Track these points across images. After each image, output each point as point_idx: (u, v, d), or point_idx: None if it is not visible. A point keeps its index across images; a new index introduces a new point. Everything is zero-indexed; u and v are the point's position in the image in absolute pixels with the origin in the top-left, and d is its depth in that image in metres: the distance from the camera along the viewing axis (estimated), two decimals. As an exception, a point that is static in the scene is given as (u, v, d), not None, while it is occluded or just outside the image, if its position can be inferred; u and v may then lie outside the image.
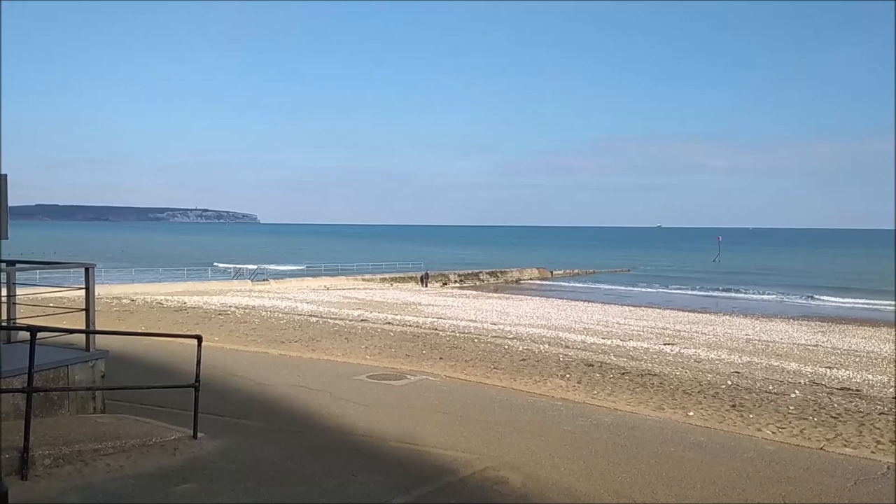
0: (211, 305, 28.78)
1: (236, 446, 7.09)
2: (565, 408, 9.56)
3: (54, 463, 6.01)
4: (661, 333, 25.88)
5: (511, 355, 16.92)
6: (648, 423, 8.89)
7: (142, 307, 26.92)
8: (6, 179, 3.34)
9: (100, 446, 6.39)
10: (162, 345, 13.45)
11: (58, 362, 7.35)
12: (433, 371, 13.13)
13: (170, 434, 7.06)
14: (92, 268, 7.68)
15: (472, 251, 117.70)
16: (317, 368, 12.47)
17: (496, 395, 10.37)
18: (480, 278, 61.98)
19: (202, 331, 19.44)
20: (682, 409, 11.13)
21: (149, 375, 10.54)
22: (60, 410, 7.41)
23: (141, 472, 6.08)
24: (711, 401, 12.21)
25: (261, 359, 13.55)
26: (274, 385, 10.55)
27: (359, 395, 9.95)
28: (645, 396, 12.18)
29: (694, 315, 36.25)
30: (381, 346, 17.67)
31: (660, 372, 15.31)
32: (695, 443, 7.84)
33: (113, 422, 7.40)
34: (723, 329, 29.01)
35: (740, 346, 22.93)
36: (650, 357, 18.54)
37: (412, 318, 27.29)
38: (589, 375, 14.11)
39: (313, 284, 48.91)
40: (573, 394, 11.78)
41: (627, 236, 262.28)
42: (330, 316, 26.86)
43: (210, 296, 35.09)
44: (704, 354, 20.02)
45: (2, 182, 3.32)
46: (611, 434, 8.03)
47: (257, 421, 8.47)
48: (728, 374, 15.99)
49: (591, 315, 33.34)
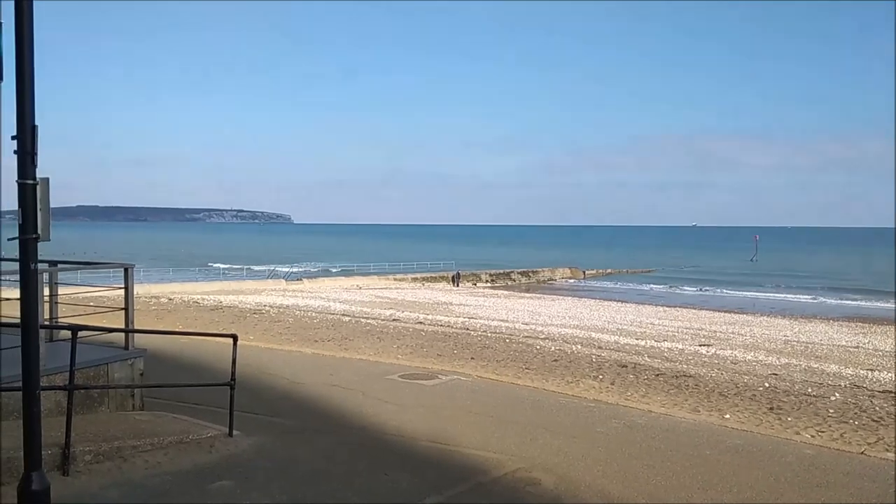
0: (246, 304, 29.17)
1: (271, 444, 7.19)
2: (598, 409, 9.49)
3: (94, 459, 6.16)
4: (697, 334, 25.49)
5: (543, 356, 16.83)
6: (683, 425, 8.78)
7: (179, 306, 27.41)
8: (48, 183, 3.43)
9: (138, 443, 6.53)
10: (198, 343, 13.67)
11: (98, 360, 7.53)
12: (464, 371, 13.14)
13: (206, 431, 7.18)
14: (131, 268, 7.86)
15: (505, 251, 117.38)
16: (349, 367, 12.57)
17: (528, 396, 10.34)
18: (512, 278, 61.81)
19: (237, 329, 19.72)
20: (718, 412, 10.95)
21: (185, 373, 10.73)
22: (100, 407, 7.59)
23: (178, 468, 6.20)
24: (748, 403, 12.00)
25: (294, 357, 13.70)
26: (307, 384, 10.66)
27: (391, 394, 10.00)
28: (680, 398, 12.01)
29: (730, 316, 35.65)
30: (412, 346, 17.72)
31: (695, 373, 15.08)
32: (731, 446, 7.71)
33: (151, 419, 7.56)
34: (760, 330, 28.47)
35: (778, 348, 22.48)
36: (685, 358, 18.28)
37: (443, 318, 27.32)
38: (622, 377, 13.97)
39: (346, 284, 49.27)
40: (606, 395, 11.67)
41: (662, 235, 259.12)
42: (362, 315, 27.03)
43: (245, 295, 35.58)
44: (741, 356, 19.66)
45: (44, 185, 3.41)
46: (645, 436, 7.95)
47: (291, 419, 8.57)
48: (766, 375, 15.69)
49: (625, 315, 33.00)
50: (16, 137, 3.33)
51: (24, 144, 3.31)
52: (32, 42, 3.35)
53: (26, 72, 3.33)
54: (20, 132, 3.32)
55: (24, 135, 3.32)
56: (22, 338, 3.56)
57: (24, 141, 3.32)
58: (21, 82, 3.32)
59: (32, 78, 3.35)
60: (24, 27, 3.31)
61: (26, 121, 3.32)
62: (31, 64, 3.34)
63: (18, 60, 3.32)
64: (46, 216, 3.38)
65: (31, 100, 3.34)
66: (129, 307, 7.85)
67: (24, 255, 3.37)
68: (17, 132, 3.33)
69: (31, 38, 3.34)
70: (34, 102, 3.35)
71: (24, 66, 3.33)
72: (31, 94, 3.35)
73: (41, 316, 7.53)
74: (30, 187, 3.33)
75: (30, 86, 3.34)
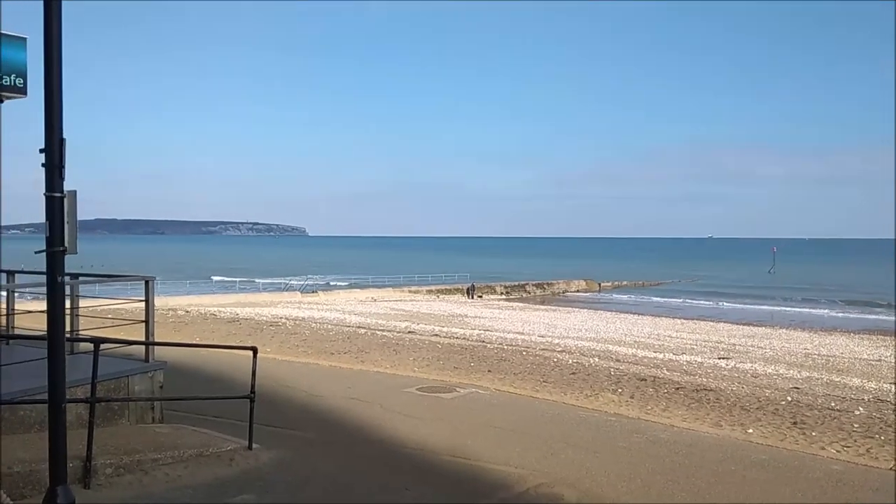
0: (262, 317, 29.25)
1: (291, 458, 7.15)
2: (619, 423, 9.37)
3: (115, 472, 6.15)
4: (716, 347, 25.23)
5: (561, 369, 16.71)
6: (706, 440, 8.65)
7: (196, 318, 27.53)
8: (75, 196, 3.43)
9: (159, 456, 6.52)
10: (216, 355, 13.68)
11: (119, 373, 7.54)
12: (482, 384, 13.05)
13: (226, 444, 7.16)
14: (152, 280, 7.88)
15: (519, 263, 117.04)
16: (367, 380, 12.52)
17: (548, 410, 10.23)
18: (527, 290, 61.62)
19: (254, 342, 19.75)
20: (741, 426, 10.79)
21: (204, 386, 10.72)
22: (121, 420, 7.60)
23: (199, 482, 6.17)
24: (771, 417, 11.82)
25: (312, 370, 13.68)
26: (325, 396, 10.63)
27: (409, 407, 9.94)
28: (701, 412, 11.85)
29: (749, 328, 35.28)
30: (429, 359, 17.66)
31: (715, 387, 14.90)
32: (756, 461, 7.58)
33: (171, 431, 7.55)
34: (780, 343, 28.14)
35: (799, 361, 22.19)
36: (704, 372, 18.08)
37: (459, 331, 27.23)
38: (642, 390, 13.82)
39: (361, 296, 49.31)
40: (626, 409, 11.54)
41: (678, 247, 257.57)
42: (378, 328, 27.01)
43: (261, 307, 35.70)
44: (761, 369, 19.42)
45: (71, 198, 3.41)
46: (668, 451, 7.83)
47: (310, 432, 8.53)
48: (787, 389, 15.47)
49: (642, 328, 32.75)
50: (44, 150, 3.34)
51: (52, 157, 3.32)
52: (60, 56, 3.37)
53: (54, 85, 3.34)
54: (48, 145, 3.33)
55: (52, 148, 3.33)
56: (49, 350, 3.55)
57: (52, 154, 3.32)
58: (49, 96, 3.33)
59: (60, 91, 3.37)
60: (53, 41, 3.33)
61: (54, 134, 3.33)
62: (59, 78, 3.36)
63: (47, 74, 3.34)
64: (73, 229, 3.39)
65: (59, 113, 3.36)
66: (149, 319, 7.86)
67: (51, 267, 3.37)
68: (45, 145, 3.34)
69: (60, 52, 3.36)
70: (62, 116, 3.37)
71: (53, 80, 3.34)
72: (59, 107, 3.36)
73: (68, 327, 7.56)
74: (57, 200, 3.33)
75: (58, 99, 3.35)
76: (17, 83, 7.25)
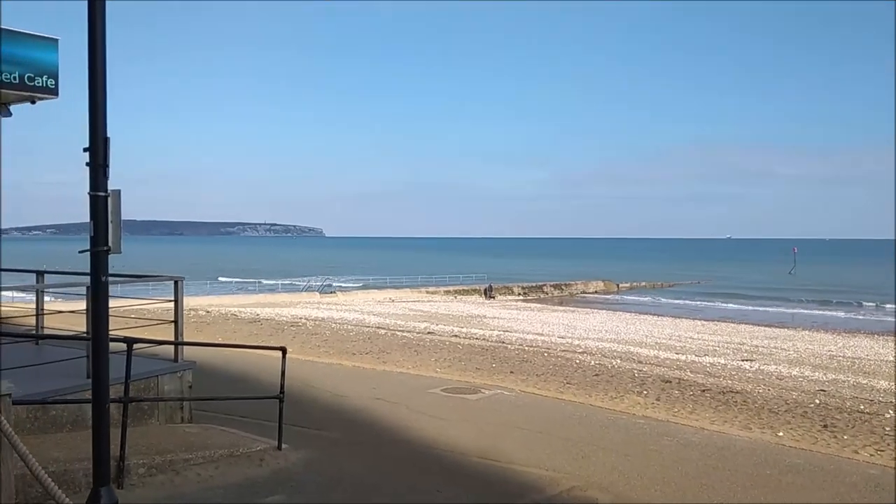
0: (283, 317, 29.36)
1: (319, 458, 7.13)
2: (648, 426, 9.26)
3: (148, 472, 6.16)
4: (738, 349, 24.95)
5: (583, 370, 16.59)
6: (738, 443, 8.52)
7: (217, 318, 27.68)
8: (119, 195, 3.41)
9: (190, 456, 6.52)
10: (241, 355, 13.72)
11: (149, 373, 7.56)
12: (507, 385, 12.98)
13: (255, 445, 7.15)
14: (181, 280, 7.90)
15: (533, 263, 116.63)
16: (391, 381, 12.50)
17: (575, 412, 10.14)
18: (544, 291, 61.36)
19: (276, 342, 19.82)
20: (771, 429, 10.64)
21: (230, 385, 10.76)
22: (151, 420, 7.62)
23: (230, 482, 6.16)
24: (801, 420, 11.64)
25: (335, 370, 13.68)
26: (350, 397, 10.61)
27: (435, 408, 9.90)
28: (729, 415, 11.70)
29: (771, 330, 34.87)
30: (450, 359, 17.61)
31: (741, 389, 14.72)
32: (791, 465, 7.45)
33: (200, 431, 7.56)
34: (803, 345, 27.76)
35: (824, 363, 21.88)
36: (728, 374, 17.88)
37: (478, 331, 27.16)
38: (667, 392, 13.68)
39: (379, 297, 49.36)
40: (652, 411, 11.42)
41: (695, 248, 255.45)
42: (397, 328, 27.00)
43: (281, 307, 35.84)
44: (786, 371, 19.17)
45: (115, 197, 3.39)
46: (700, 454, 7.72)
47: (337, 432, 8.51)
48: (814, 392, 15.25)
49: (662, 329, 32.48)
50: (87, 149, 3.32)
51: (97, 156, 3.31)
52: (104, 54, 3.36)
53: (98, 83, 3.33)
54: (92, 143, 3.32)
55: (97, 146, 3.31)
56: (92, 350, 3.54)
57: (97, 152, 3.31)
58: (94, 94, 3.32)
59: (104, 89, 3.35)
60: (97, 39, 3.32)
61: (98, 132, 3.31)
62: (103, 76, 3.35)
63: (91, 73, 3.32)
64: (117, 228, 3.37)
65: (104, 111, 3.34)
66: (178, 319, 7.88)
67: (95, 267, 3.35)
68: (90, 143, 3.32)
69: (104, 50, 3.35)
70: (106, 114, 3.35)
71: (97, 78, 3.33)
72: (104, 105, 3.34)
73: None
74: (101, 199, 3.32)
75: (102, 97, 3.34)
76: (49, 84, 7.29)
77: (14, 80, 7.05)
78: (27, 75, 7.12)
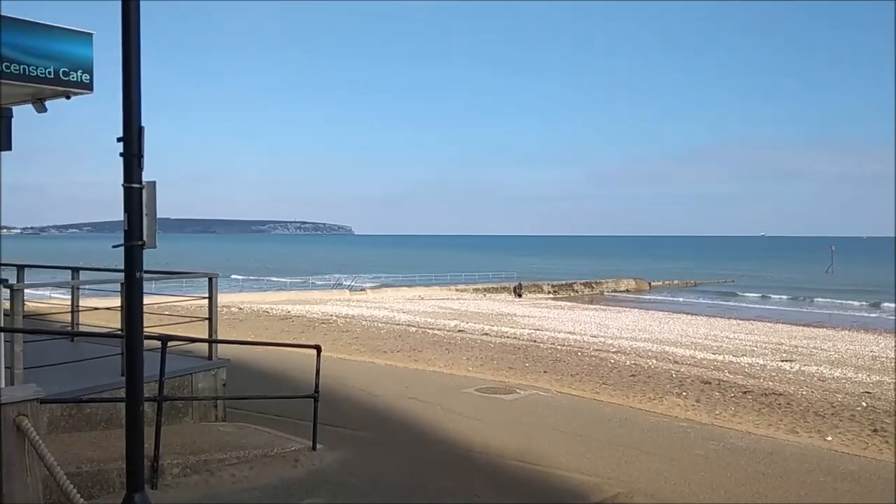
0: (313, 314, 29.40)
1: (355, 459, 6.97)
2: (692, 429, 8.95)
3: (182, 472, 6.05)
4: (776, 349, 24.33)
5: (619, 370, 16.25)
6: (787, 448, 8.17)
7: (249, 315, 27.81)
8: (154, 187, 3.26)
9: (224, 456, 6.40)
10: (273, 352, 13.65)
11: (183, 370, 7.47)
12: (541, 385, 12.73)
13: (289, 445, 7.03)
14: (215, 277, 7.81)
15: (563, 261, 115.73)
16: (424, 380, 12.32)
17: (614, 414, 9.86)
18: (574, 289, 60.77)
19: (307, 339, 19.80)
20: (819, 433, 10.24)
21: (262, 383, 10.67)
22: (184, 418, 7.53)
23: (265, 483, 6.03)
24: (849, 424, 11.20)
25: (368, 368, 13.55)
26: (384, 396, 10.46)
27: (470, 408, 9.70)
28: (773, 418, 11.30)
29: (809, 330, 34.03)
30: (482, 358, 17.39)
31: (784, 391, 14.26)
32: (845, 472, 7.11)
33: (234, 431, 7.45)
34: (843, 345, 27.01)
35: (867, 364, 21.22)
36: (768, 375, 17.39)
37: (509, 330, 26.89)
38: (707, 394, 13.29)
39: (408, 294, 49.32)
40: (693, 413, 11.08)
41: (729, 246, 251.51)
42: (427, 326, 26.85)
43: (311, 305, 35.95)
44: (828, 372, 18.60)
45: (150, 189, 3.24)
46: (748, 460, 7.40)
47: (372, 432, 8.36)
48: (858, 394, 14.73)
49: (697, 329, 31.88)
50: (121, 139, 3.18)
51: (130, 146, 3.16)
52: (139, 41, 3.21)
53: (132, 72, 3.18)
54: (126, 133, 3.17)
55: (131, 136, 3.16)
56: (126, 349, 3.41)
57: (131, 142, 3.16)
58: (128, 82, 3.17)
59: (139, 78, 3.20)
60: (131, 26, 3.18)
61: (133, 121, 3.16)
62: (137, 64, 3.20)
63: (125, 60, 3.18)
64: (153, 222, 3.22)
65: (138, 99, 3.19)
66: (212, 317, 7.79)
67: (129, 263, 3.21)
68: (123, 133, 3.18)
69: (138, 37, 3.20)
70: (140, 103, 3.20)
71: (131, 66, 3.18)
72: (138, 94, 3.20)
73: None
74: (136, 191, 3.17)
75: (136, 86, 3.19)
76: (84, 79, 7.20)
77: (49, 75, 6.97)
78: (62, 70, 7.04)
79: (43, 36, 7.02)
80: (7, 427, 3.15)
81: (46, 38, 7.05)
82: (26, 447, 3.14)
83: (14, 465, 3.12)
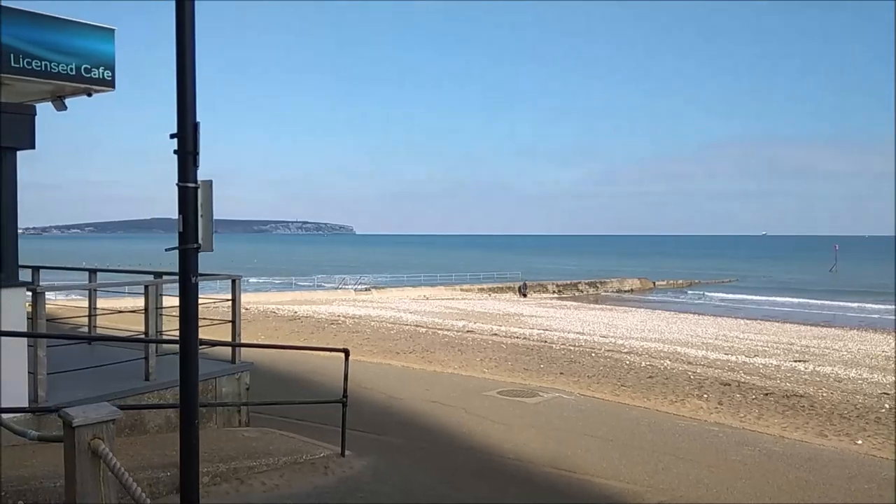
0: (321, 315, 29.21)
1: (385, 466, 6.79)
2: (723, 434, 8.77)
3: (212, 481, 5.87)
4: (788, 349, 24.12)
5: (635, 371, 16.07)
6: (824, 454, 8.00)
7: (257, 316, 27.61)
8: (211, 186, 3.07)
9: (254, 463, 6.22)
10: (287, 354, 13.47)
11: (206, 375, 7.29)
12: (560, 387, 12.57)
13: (318, 451, 6.84)
14: (238, 279, 7.63)
15: (569, 261, 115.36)
16: (442, 382, 12.15)
17: (641, 417, 9.68)
18: (579, 289, 60.51)
19: (318, 340, 19.66)
20: (848, 437, 10.05)
21: (283, 387, 10.49)
22: (208, 424, 7.35)
23: (297, 491, 5.85)
24: (875, 427, 11.02)
25: (385, 371, 13.37)
26: (405, 399, 10.28)
27: (494, 412, 9.52)
28: (799, 421, 11.13)
29: (818, 329, 33.80)
30: (496, 359, 17.21)
31: (804, 393, 14.08)
32: (888, 479, 6.92)
33: (260, 436, 7.27)
34: (854, 345, 26.78)
35: (881, 364, 21.00)
36: (784, 375, 17.20)
37: (518, 330, 26.70)
38: (728, 396, 13.11)
39: (413, 294, 49.10)
40: (718, 416, 10.90)
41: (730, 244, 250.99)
42: (436, 326, 26.66)
43: (317, 305, 35.75)
44: (843, 373, 18.41)
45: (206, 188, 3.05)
46: (787, 466, 7.22)
47: (398, 438, 8.18)
48: (877, 395, 14.54)
49: (706, 329, 31.66)
50: (175, 135, 3.00)
51: (185, 143, 2.98)
52: (193, 35, 3.02)
53: (187, 66, 3.00)
54: (181, 129, 2.98)
55: (185, 132, 2.98)
56: (181, 359, 3.22)
57: (186, 139, 2.98)
58: (182, 76, 2.99)
59: (194, 71, 3.02)
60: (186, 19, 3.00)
61: (188, 117, 2.98)
62: (192, 57, 3.01)
63: (179, 55, 2.99)
64: (208, 223, 3.03)
65: (193, 95, 3.01)
66: (236, 319, 7.61)
67: (183, 266, 3.03)
68: (178, 129, 2.99)
69: (193, 31, 3.01)
70: (195, 98, 3.02)
71: (186, 60, 3.00)
72: (193, 89, 3.01)
73: (152, 329, 7.36)
74: (191, 191, 2.98)
75: (191, 80, 3.01)
76: (106, 76, 7.04)
77: (70, 72, 6.80)
78: (84, 66, 6.87)
79: (64, 31, 6.85)
80: (81, 452, 2.95)
81: (67, 33, 6.88)
82: (102, 474, 2.95)
83: (88, 494, 2.92)
